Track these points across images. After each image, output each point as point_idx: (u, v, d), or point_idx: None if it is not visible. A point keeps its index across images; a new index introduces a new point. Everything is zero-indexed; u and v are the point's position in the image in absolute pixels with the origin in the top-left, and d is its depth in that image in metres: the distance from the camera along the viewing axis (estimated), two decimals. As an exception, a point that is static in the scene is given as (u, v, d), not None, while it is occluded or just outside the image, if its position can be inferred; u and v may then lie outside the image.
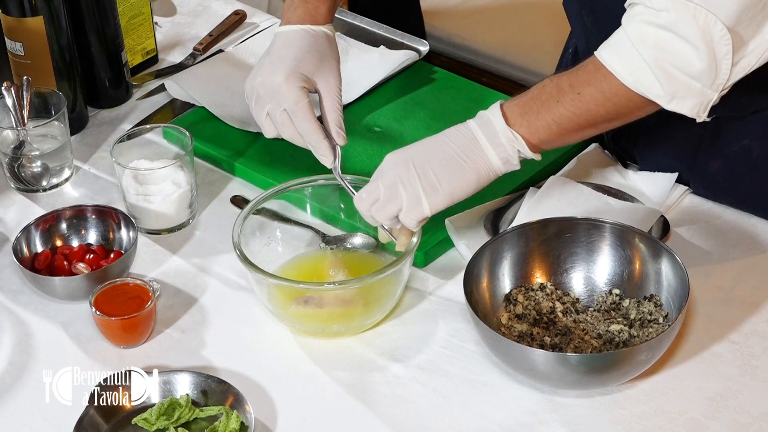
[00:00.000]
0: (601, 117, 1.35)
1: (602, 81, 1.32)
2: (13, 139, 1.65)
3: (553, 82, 1.36)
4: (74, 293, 1.47)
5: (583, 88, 1.33)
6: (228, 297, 1.50)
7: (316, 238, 1.53)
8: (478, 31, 2.79)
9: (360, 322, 1.42)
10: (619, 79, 1.31)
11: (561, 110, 1.35)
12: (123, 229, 1.54)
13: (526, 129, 1.36)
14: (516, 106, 1.37)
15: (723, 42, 1.27)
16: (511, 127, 1.36)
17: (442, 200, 1.38)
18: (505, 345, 1.32)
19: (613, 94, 1.32)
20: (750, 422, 1.30)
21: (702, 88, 1.29)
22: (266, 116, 1.47)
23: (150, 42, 1.93)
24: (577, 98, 1.34)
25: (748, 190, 1.56)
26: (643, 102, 1.32)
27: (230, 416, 1.29)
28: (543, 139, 1.37)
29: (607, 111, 1.34)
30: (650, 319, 1.38)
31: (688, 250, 1.52)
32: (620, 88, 1.31)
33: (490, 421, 1.32)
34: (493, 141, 1.37)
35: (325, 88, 1.48)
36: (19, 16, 1.68)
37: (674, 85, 1.29)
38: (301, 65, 1.47)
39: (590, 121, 1.35)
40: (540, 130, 1.36)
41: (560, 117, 1.35)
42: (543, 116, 1.36)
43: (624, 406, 1.33)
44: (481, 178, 1.38)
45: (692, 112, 1.31)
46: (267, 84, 1.46)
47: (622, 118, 1.36)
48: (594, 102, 1.33)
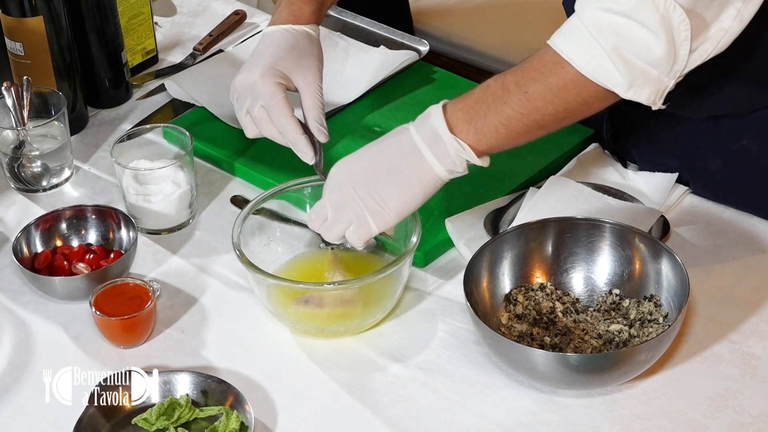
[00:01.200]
0: (549, 116, 1.31)
1: (550, 75, 1.28)
2: (13, 139, 1.65)
3: (498, 81, 1.32)
4: (74, 293, 1.47)
5: (530, 86, 1.29)
6: (228, 297, 1.50)
7: (316, 238, 1.53)
8: (477, 31, 2.79)
9: (360, 322, 1.42)
10: (574, 69, 1.26)
11: (508, 112, 1.31)
12: (123, 229, 1.54)
13: (473, 136, 1.32)
14: (461, 112, 1.32)
15: (682, 28, 1.24)
16: (457, 135, 1.32)
17: (390, 219, 1.36)
18: (505, 345, 1.32)
19: (561, 89, 1.28)
20: (750, 422, 1.30)
21: (659, 75, 1.26)
22: (246, 114, 1.47)
23: (150, 42, 1.93)
24: (524, 97, 1.30)
25: (748, 190, 1.56)
26: (595, 94, 1.28)
27: (230, 416, 1.29)
28: (491, 145, 1.33)
29: (556, 108, 1.30)
30: (650, 319, 1.38)
31: (688, 250, 1.52)
32: (570, 81, 1.27)
33: (490, 421, 1.32)
34: (438, 153, 1.32)
35: (304, 85, 1.48)
36: (19, 16, 1.68)
37: (632, 73, 1.26)
38: (279, 63, 1.47)
39: (539, 122, 1.31)
40: (488, 135, 1.32)
41: (508, 119, 1.31)
42: (490, 120, 1.31)
43: (624, 406, 1.33)
44: (428, 191, 1.35)
45: (649, 100, 1.28)
46: (244, 82, 1.47)
47: (571, 116, 1.32)
48: (542, 99, 1.29)
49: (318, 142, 1.47)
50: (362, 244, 1.38)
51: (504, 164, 1.64)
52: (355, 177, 1.35)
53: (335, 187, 1.37)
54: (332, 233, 1.38)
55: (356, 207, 1.35)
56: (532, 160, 1.65)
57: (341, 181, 1.36)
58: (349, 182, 1.35)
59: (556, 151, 1.66)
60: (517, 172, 1.63)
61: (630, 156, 1.66)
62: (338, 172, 1.37)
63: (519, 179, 1.61)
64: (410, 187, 1.34)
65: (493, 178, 1.62)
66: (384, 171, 1.34)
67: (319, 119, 1.47)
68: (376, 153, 1.36)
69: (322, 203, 1.38)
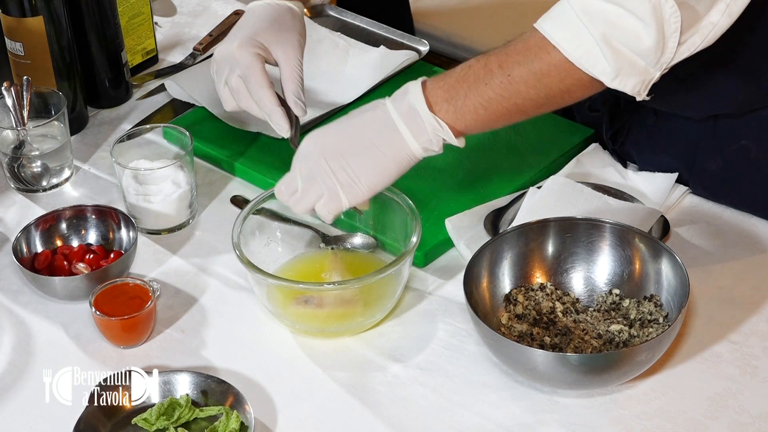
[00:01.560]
0: (530, 100, 1.29)
1: (534, 59, 1.27)
2: (13, 139, 1.65)
3: (481, 62, 1.31)
4: (74, 293, 1.47)
5: (514, 69, 1.28)
6: (228, 297, 1.50)
7: (315, 238, 1.53)
8: (477, 31, 2.79)
9: (360, 322, 1.42)
10: (560, 54, 1.25)
11: (489, 93, 1.29)
12: (123, 229, 1.54)
13: (452, 115, 1.30)
14: (441, 90, 1.31)
15: (673, 19, 1.23)
16: (436, 114, 1.30)
17: (362, 194, 1.34)
18: (505, 345, 1.32)
19: (545, 74, 1.27)
20: (750, 422, 1.30)
21: (646, 66, 1.25)
22: (224, 86, 1.46)
23: (150, 42, 1.93)
24: (506, 80, 1.28)
25: (748, 190, 1.56)
26: (579, 82, 1.27)
27: (230, 416, 1.29)
28: (469, 125, 1.31)
29: (538, 94, 1.29)
30: (650, 319, 1.38)
31: (688, 250, 1.52)
32: (554, 66, 1.26)
33: (490, 421, 1.32)
34: (415, 130, 1.31)
35: (283, 59, 1.46)
36: (19, 16, 1.68)
37: (620, 62, 1.24)
38: (259, 34, 1.45)
39: (519, 106, 1.30)
40: (466, 115, 1.30)
41: (488, 101, 1.29)
42: (470, 100, 1.30)
43: (624, 406, 1.33)
44: (401, 168, 1.34)
45: (634, 90, 1.27)
46: (224, 52, 1.45)
47: (551, 103, 1.31)
48: (525, 83, 1.28)
49: (295, 117, 1.45)
50: (332, 218, 1.36)
51: (504, 164, 1.65)
52: (327, 149, 1.33)
53: (306, 159, 1.35)
54: (301, 205, 1.36)
55: (327, 180, 1.33)
56: (532, 160, 1.65)
57: (312, 153, 1.34)
58: (321, 154, 1.33)
59: (556, 151, 1.66)
60: (517, 172, 1.63)
61: (630, 156, 1.66)
62: (310, 144, 1.35)
63: (519, 179, 1.61)
64: (384, 162, 1.33)
65: (493, 178, 1.62)
66: (358, 144, 1.33)
67: (296, 92, 1.44)
68: (350, 126, 1.35)
69: (292, 175, 1.36)
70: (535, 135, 1.70)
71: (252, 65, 1.43)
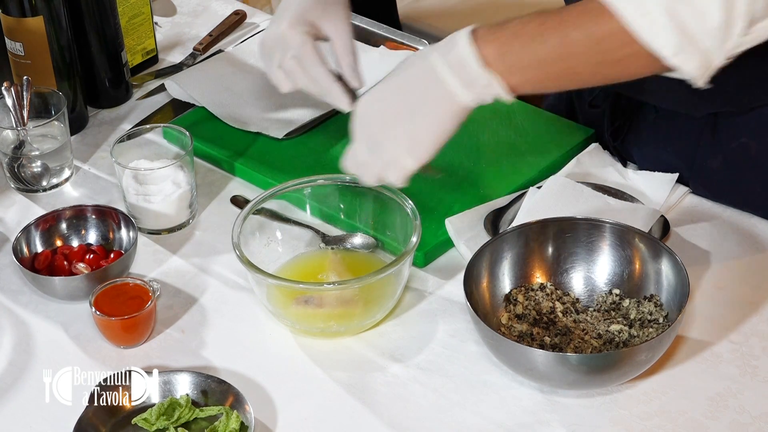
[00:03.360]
0: (584, 65, 1.24)
1: (593, 23, 1.22)
2: (13, 139, 1.65)
3: (537, 20, 1.25)
4: (74, 293, 1.47)
5: (571, 31, 1.23)
6: (228, 297, 1.50)
7: (316, 238, 1.53)
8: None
9: (360, 322, 1.42)
10: (621, 21, 1.19)
11: (544, 52, 1.24)
12: (123, 229, 1.54)
13: (503, 70, 1.25)
14: (493, 44, 1.25)
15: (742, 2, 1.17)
16: (488, 69, 1.25)
17: (426, 152, 1.31)
18: (505, 345, 1.32)
19: (603, 39, 1.22)
20: (750, 422, 1.30)
21: (710, 48, 1.20)
22: (278, 68, 1.44)
23: (150, 42, 1.93)
24: (563, 41, 1.23)
25: (748, 188, 1.56)
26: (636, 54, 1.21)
27: (230, 416, 1.29)
28: (520, 83, 1.26)
29: (592, 59, 1.23)
30: (650, 319, 1.38)
31: (688, 250, 1.52)
32: (614, 32, 1.21)
33: (490, 421, 1.32)
34: (466, 82, 1.26)
35: (334, 33, 1.43)
36: (19, 16, 1.68)
37: (683, 38, 1.19)
38: (306, 12, 1.42)
39: (573, 69, 1.25)
40: (518, 73, 1.25)
41: (542, 60, 1.24)
42: (523, 58, 1.25)
43: (624, 406, 1.33)
44: (457, 120, 1.29)
45: (695, 71, 1.21)
46: (272, 35, 1.43)
47: (605, 73, 1.25)
48: (581, 45, 1.23)
49: (353, 89, 1.43)
50: (402, 183, 1.33)
51: (504, 164, 1.65)
52: (384, 114, 1.30)
53: (365, 127, 1.32)
54: (370, 175, 1.34)
55: (390, 145, 1.31)
56: (532, 160, 1.65)
57: (369, 120, 1.32)
58: (379, 120, 1.31)
59: (556, 151, 1.66)
60: (517, 172, 1.63)
61: (630, 153, 1.66)
62: (365, 111, 1.33)
63: (519, 179, 1.61)
64: (440, 118, 1.28)
65: (493, 178, 1.62)
66: (412, 104, 1.29)
67: (352, 65, 1.42)
68: (400, 86, 1.31)
69: (355, 146, 1.34)
70: (535, 135, 1.70)
71: (304, 44, 1.40)
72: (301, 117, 1.75)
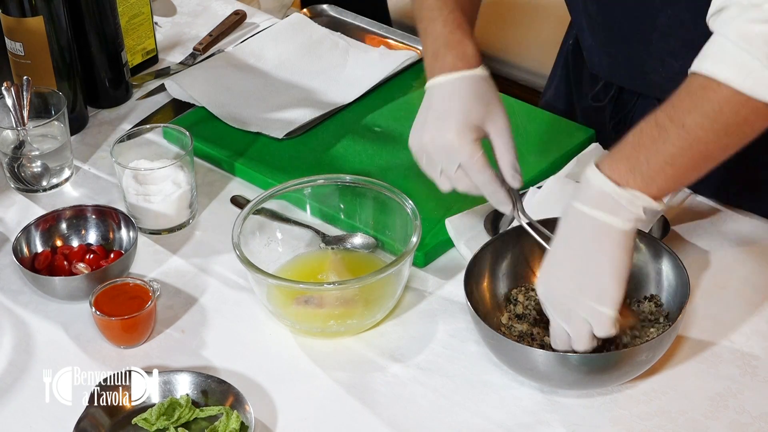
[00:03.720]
0: (712, 143, 1.24)
1: (703, 102, 1.22)
2: (13, 139, 1.65)
3: (650, 123, 1.26)
4: (74, 293, 1.47)
5: (686, 118, 1.23)
6: (228, 297, 1.50)
7: (316, 238, 1.53)
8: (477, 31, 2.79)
9: (360, 322, 1.42)
10: (728, 88, 1.20)
11: (670, 149, 1.24)
12: (123, 229, 1.54)
13: (640, 183, 1.25)
14: (620, 163, 1.26)
15: None
16: (626, 187, 1.25)
17: (616, 295, 1.28)
18: (505, 345, 1.32)
19: (718, 113, 1.22)
20: (750, 422, 1.30)
21: None
22: (440, 173, 1.41)
23: (150, 42, 1.93)
24: (682, 131, 1.23)
25: (748, 189, 1.56)
26: (755, 111, 1.22)
27: (230, 416, 1.29)
28: (661, 187, 1.26)
29: (717, 135, 1.23)
30: (650, 319, 1.38)
31: (688, 250, 1.52)
32: (725, 101, 1.21)
33: (490, 421, 1.32)
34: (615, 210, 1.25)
35: (495, 133, 1.40)
36: (19, 16, 1.68)
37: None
38: (470, 117, 1.39)
39: (703, 152, 1.25)
40: (655, 179, 1.25)
41: (671, 157, 1.24)
42: (653, 163, 1.24)
43: (624, 406, 1.33)
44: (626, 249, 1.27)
45: None
46: (437, 142, 1.39)
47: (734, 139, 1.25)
48: (701, 128, 1.22)
49: (513, 189, 1.40)
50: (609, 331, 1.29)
51: (504, 164, 1.65)
52: (564, 286, 1.29)
53: (555, 306, 1.31)
54: (581, 343, 1.31)
55: (583, 309, 1.29)
56: (532, 160, 1.65)
57: (557, 298, 1.30)
58: (562, 293, 1.30)
59: (556, 151, 1.66)
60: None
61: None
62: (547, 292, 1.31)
63: (519, 179, 1.61)
64: (609, 256, 1.27)
65: (493, 178, 1.62)
66: (583, 261, 1.28)
67: (513, 165, 1.40)
68: (564, 251, 1.30)
69: (556, 327, 1.32)
70: (535, 135, 1.70)
71: (473, 154, 1.38)
72: (301, 117, 1.75)
